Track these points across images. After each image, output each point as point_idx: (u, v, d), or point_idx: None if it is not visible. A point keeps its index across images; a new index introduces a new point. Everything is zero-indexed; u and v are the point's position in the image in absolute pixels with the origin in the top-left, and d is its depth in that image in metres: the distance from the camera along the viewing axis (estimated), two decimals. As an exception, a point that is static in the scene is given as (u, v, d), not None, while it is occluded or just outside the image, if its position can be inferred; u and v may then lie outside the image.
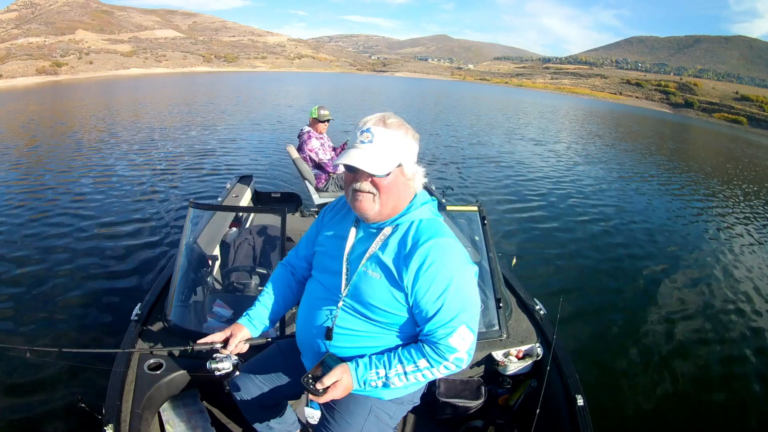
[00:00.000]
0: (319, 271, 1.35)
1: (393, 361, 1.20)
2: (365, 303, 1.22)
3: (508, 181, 8.67)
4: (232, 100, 22.93)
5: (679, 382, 3.15)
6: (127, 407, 1.65)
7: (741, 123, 66.37)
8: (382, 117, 1.17)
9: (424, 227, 1.20)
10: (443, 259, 1.15)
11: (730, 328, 3.94)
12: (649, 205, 7.91)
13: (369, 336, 1.25)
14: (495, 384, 2.09)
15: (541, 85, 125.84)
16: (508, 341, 2.12)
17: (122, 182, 6.94)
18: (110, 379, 1.72)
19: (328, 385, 1.16)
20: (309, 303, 1.35)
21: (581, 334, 3.56)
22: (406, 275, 1.15)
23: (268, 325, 1.46)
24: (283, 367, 1.48)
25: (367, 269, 1.21)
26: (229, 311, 2.21)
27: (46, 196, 6.12)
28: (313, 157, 4.22)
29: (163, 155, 8.95)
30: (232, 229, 3.39)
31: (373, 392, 1.29)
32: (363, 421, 1.30)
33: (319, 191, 4.29)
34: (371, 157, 1.13)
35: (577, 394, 1.79)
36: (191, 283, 2.42)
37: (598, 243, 5.69)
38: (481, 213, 2.37)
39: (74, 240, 4.70)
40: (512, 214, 6.56)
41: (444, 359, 1.18)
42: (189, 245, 2.46)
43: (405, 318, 1.22)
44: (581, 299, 4.14)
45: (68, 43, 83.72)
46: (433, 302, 1.15)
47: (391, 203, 1.19)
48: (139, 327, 2.02)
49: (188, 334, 1.93)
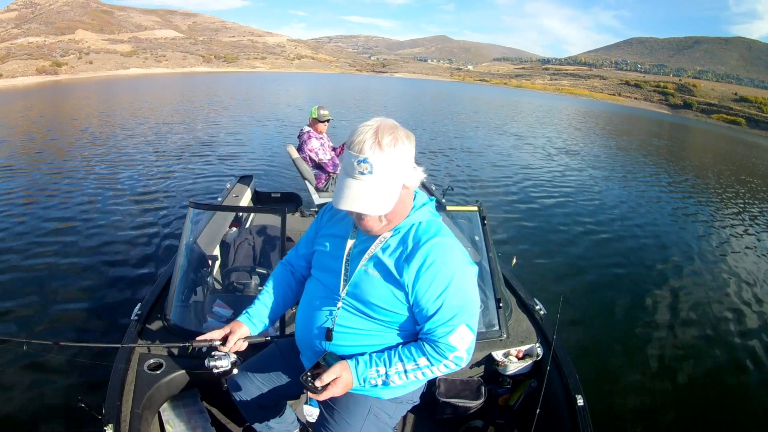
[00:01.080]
0: (319, 270, 1.35)
1: (393, 359, 1.20)
2: (366, 301, 1.22)
3: (508, 181, 8.67)
4: (232, 100, 22.92)
5: (679, 382, 3.15)
6: (127, 407, 1.65)
7: (739, 124, 66.45)
8: (376, 138, 1.06)
9: (425, 228, 1.20)
10: (444, 259, 1.15)
11: (731, 328, 3.94)
12: (650, 205, 7.92)
13: (369, 334, 1.25)
14: (495, 384, 2.10)
15: (540, 86, 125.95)
16: (508, 341, 2.12)
17: (122, 182, 6.94)
18: (110, 379, 1.72)
19: (327, 383, 1.16)
20: (309, 302, 1.34)
21: (581, 334, 3.56)
22: (407, 274, 1.16)
23: (268, 324, 1.45)
24: (283, 366, 1.48)
25: (368, 268, 1.21)
26: (229, 311, 2.21)
27: (45, 196, 6.11)
28: (313, 157, 4.22)
29: (164, 155, 8.95)
30: (232, 229, 3.39)
31: (372, 392, 1.29)
32: (362, 420, 1.30)
33: (319, 191, 4.29)
34: (374, 197, 1.09)
35: (577, 394, 1.79)
36: (191, 283, 2.42)
37: (599, 243, 5.70)
38: (481, 213, 2.37)
39: (74, 239, 4.70)
40: (512, 213, 6.56)
41: (444, 357, 1.18)
42: (189, 245, 2.46)
43: (405, 316, 1.22)
44: (581, 299, 4.14)
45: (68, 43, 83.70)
46: (433, 301, 1.15)
47: (397, 218, 1.19)
48: (139, 326, 2.02)
49: (188, 334, 1.92)
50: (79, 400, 1.49)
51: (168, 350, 1.88)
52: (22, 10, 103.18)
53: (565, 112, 35.37)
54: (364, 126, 1.10)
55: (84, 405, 1.47)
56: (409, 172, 1.14)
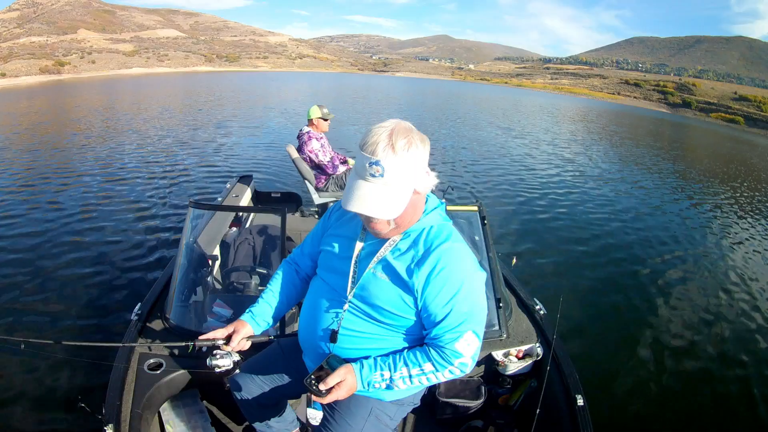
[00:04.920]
0: (326, 271, 1.33)
1: (398, 363, 1.19)
2: (373, 305, 1.21)
3: (508, 180, 8.66)
4: (233, 100, 22.92)
5: (679, 382, 3.15)
6: (127, 407, 1.65)
7: (738, 123, 66.28)
8: (390, 140, 1.04)
9: (437, 233, 1.19)
10: (455, 264, 1.14)
11: (731, 327, 3.94)
12: (650, 204, 7.91)
13: (375, 338, 1.24)
14: (495, 384, 2.09)
15: (540, 85, 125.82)
16: (508, 341, 2.12)
17: (123, 181, 6.94)
18: (110, 379, 1.72)
19: (331, 386, 1.15)
20: (314, 303, 1.33)
21: (581, 334, 3.55)
22: (417, 279, 1.15)
23: (271, 323, 1.44)
24: (285, 366, 1.47)
25: (376, 271, 1.20)
26: (229, 311, 2.21)
27: (46, 196, 6.12)
28: (313, 158, 4.21)
29: (164, 155, 8.95)
30: (232, 229, 3.39)
31: (374, 393, 1.28)
32: (363, 421, 1.30)
33: (319, 191, 4.29)
34: (383, 200, 1.07)
35: (577, 394, 1.79)
36: (191, 283, 2.42)
37: (599, 243, 5.69)
38: (481, 213, 2.36)
39: (74, 239, 4.71)
40: (512, 213, 6.55)
41: (449, 363, 1.18)
42: (189, 245, 2.46)
43: (412, 321, 1.22)
44: (581, 299, 4.14)
45: (70, 43, 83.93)
46: (442, 306, 1.15)
47: (407, 222, 1.18)
48: (140, 326, 2.02)
49: (188, 334, 1.92)
50: (79, 399, 1.49)
51: (168, 350, 1.88)
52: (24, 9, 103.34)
53: (564, 111, 35.31)
54: (378, 127, 1.07)
55: (84, 405, 1.47)
56: (422, 177, 1.12)
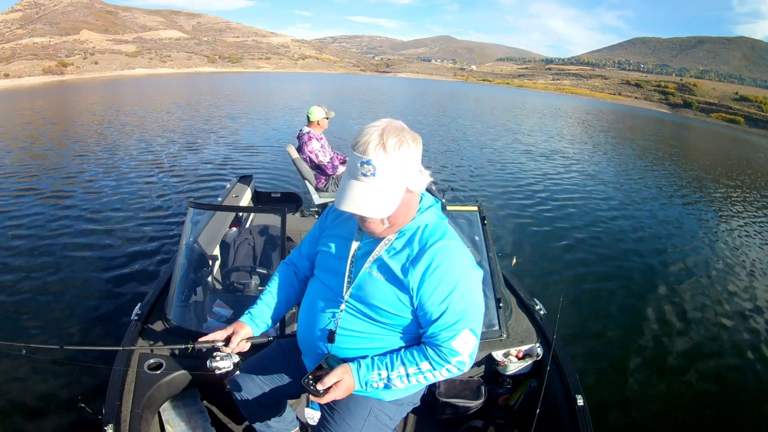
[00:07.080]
0: (323, 271, 1.33)
1: (395, 362, 1.20)
2: (369, 304, 1.21)
3: (508, 180, 8.65)
4: (234, 100, 22.95)
5: (679, 382, 3.14)
6: (127, 407, 1.65)
7: (738, 123, 66.12)
8: (381, 139, 1.04)
9: (431, 231, 1.19)
10: (450, 262, 1.14)
11: (731, 327, 3.92)
12: (650, 204, 7.88)
13: (372, 337, 1.25)
14: (495, 384, 2.09)
15: (541, 85, 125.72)
16: (508, 341, 2.12)
17: (123, 181, 6.95)
18: (110, 379, 1.72)
19: (329, 386, 1.16)
20: (311, 303, 1.34)
21: (581, 334, 3.54)
22: (412, 277, 1.15)
23: (271, 324, 1.45)
24: (284, 366, 1.48)
25: (372, 270, 1.20)
26: (229, 311, 2.21)
27: (46, 195, 6.13)
28: (312, 159, 4.22)
29: (164, 155, 8.96)
30: (232, 229, 3.40)
31: (373, 393, 1.28)
32: (362, 422, 1.30)
33: (319, 191, 4.29)
34: (375, 199, 1.07)
35: (577, 394, 1.79)
36: (191, 283, 2.42)
37: (599, 243, 5.67)
38: (481, 213, 2.36)
39: (74, 239, 4.72)
40: (512, 213, 6.54)
41: (446, 362, 1.18)
42: (189, 245, 2.46)
43: (409, 320, 1.22)
44: (581, 299, 4.13)
45: (73, 44, 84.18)
46: (437, 305, 1.15)
47: (401, 221, 1.18)
48: (140, 326, 2.02)
49: (188, 334, 1.93)
50: (79, 400, 1.49)
51: (168, 350, 1.88)
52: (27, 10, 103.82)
53: (564, 111, 35.25)
54: (370, 127, 1.08)
55: (84, 405, 1.48)
56: (414, 176, 1.12)
